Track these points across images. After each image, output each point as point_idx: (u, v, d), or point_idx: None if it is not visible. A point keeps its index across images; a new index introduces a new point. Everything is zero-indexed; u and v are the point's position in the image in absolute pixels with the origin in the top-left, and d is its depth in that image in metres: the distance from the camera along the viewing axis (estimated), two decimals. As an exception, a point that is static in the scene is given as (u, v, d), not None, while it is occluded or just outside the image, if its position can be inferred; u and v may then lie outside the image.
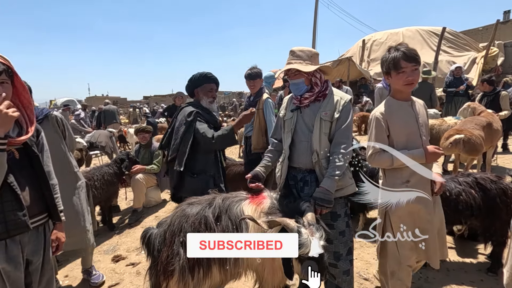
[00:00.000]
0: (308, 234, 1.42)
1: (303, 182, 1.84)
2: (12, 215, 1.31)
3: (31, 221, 1.39)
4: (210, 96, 2.53)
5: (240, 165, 3.75)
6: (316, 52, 1.83)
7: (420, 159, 1.71)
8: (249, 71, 3.26)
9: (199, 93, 2.54)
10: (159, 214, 4.23)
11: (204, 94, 2.52)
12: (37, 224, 1.46)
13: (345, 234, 1.83)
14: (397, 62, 1.66)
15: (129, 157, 4.04)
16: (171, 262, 1.64)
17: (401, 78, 1.69)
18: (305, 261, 1.42)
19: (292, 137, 1.83)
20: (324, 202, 1.63)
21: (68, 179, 2.40)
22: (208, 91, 2.52)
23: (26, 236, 1.41)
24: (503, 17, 18.10)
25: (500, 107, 4.89)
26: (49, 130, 2.25)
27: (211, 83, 2.54)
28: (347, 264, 1.83)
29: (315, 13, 20.20)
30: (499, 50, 10.37)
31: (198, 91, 2.54)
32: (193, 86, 2.56)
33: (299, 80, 1.81)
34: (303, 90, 1.82)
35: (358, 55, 13.00)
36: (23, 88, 1.42)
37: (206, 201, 1.83)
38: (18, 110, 1.35)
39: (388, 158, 1.72)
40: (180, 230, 1.68)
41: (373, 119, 1.80)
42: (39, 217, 1.48)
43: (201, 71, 2.54)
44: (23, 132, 1.40)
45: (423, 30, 12.14)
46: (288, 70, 1.82)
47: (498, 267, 2.41)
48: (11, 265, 1.34)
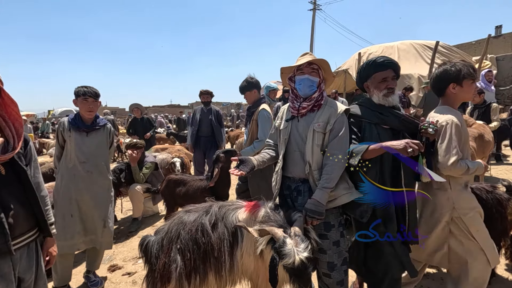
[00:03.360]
0: (293, 245, 1.45)
1: (296, 192, 1.86)
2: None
3: (21, 239, 1.35)
4: (384, 87, 1.87)
5: (200, 180, 3.54)
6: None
7: (480, 170, 1.83)
8: (243, 83, 3.22)
9: (369, 87, 1.96)
10: (156, 225, 4.24)
11: (375, 87, 1.90)
12: (27, 241, 1.40)
13: (340, 244, 1.81)
14: (471, 73, 1.85)
15: (128, 168, 4.07)
16: (168, 269, 1.68)
17: (473, 89, 1.89)
18: (289, 270, 1.45)
19: (286, 146, 1.87)
20: (315, 213, 1.65)
21: (105, 184, 2.72)
22: (379, 81, 1.89)
23: (18, 253, 1.35)
24: (495, 31, 18.58)
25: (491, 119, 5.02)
26: (102, 138, 2.69)
27: (383, 70, 1.89)
28: (341, 275, 1.80)
29: (312, 26, 20.66)
30: (491, 64, 10.63)
31: (368, 85, 1.97)
32: (361, 81, 2.04)
33: (315, 78, 1.85)
34: (313, 90, 1.85)
35: (355, 68, 13.25)
36: (11, 101, 1.35)
37: (203, 208, 1.87)
38: (4, 122, 1.34)
39: (465, 167, 1.77)
40: (177, 237, 1.72)
41: (452, 126, 1.80)
42: (29, 234, 1.42)
43: (369, 60, 1.94)
44: (9, 148, 1.34)
45: (417, 44, 12.45)
46: (305, 65, 1.84)
47: (493, 275, 2.43)
48: (2, 283, 1.29)
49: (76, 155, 2.54)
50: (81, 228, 2.56)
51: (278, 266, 1.47)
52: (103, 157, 2.69)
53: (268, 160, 1.99)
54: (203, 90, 4.89)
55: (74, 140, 2.53)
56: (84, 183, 2.56)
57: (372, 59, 1.91)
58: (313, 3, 21.75)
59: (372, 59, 1.91)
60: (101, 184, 2.66)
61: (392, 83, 1.86)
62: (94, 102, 2.54)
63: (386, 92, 1.85)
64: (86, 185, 2.56)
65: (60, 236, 2.42)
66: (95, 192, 2.60)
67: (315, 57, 1.87)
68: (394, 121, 1.85)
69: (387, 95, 1.85)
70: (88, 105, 2.51)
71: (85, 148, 2.56)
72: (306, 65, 1.84)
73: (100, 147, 2.66)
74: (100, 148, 2.67)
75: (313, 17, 21.32)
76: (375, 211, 1.79)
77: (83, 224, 2.58)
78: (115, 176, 3.89)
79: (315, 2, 21.71)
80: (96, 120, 2.64)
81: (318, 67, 1.87)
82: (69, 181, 2.53)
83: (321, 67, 1.89)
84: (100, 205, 2.64)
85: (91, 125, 2.60)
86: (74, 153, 2.54)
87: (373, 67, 1.89)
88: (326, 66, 1.90)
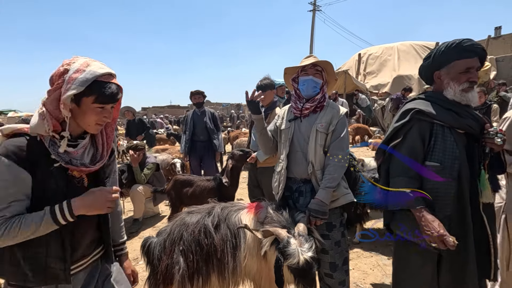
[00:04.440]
0: (297, 245, 1.45)
1: (298, 193, 1.87)
2: (53, 263, 1.09)
3: (81, 262, 1.20)
4: (465, 79, 1.45)
5: (207, 181, 3.56)
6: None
7: None
8: (259, 83, 3.11)
9: (442, 77, 1.52)
10: (157, 226, 4.23)
11: (453, 77, 1.48)
12: (89, 263, 1.24)
13: (341, 244, 1.83)
14: None
15: (129, 169, 4.06)
16: (171, 271, 1.67)
17: None
18: (294, 271, 1.45)
19: (289, 147, 1.87)
20: (319, 213, 1.66)
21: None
22: (461, 71, 1.46)
23: (78, 275, 1.20)
24: (494, 32, 18.61)
25: (491, 119, 5.02)
26: None
27: (470, 57, 1.45)
28: (343, 274, 1.82)
29: (312, 27, 20.69)
30: (491, 65, 10.64)
31: (441, 74, 1.53)
32: (431, 68, 1.58)
33: (319, 80, 1.86)
34: (316, 92, 1.86)
35: (354, 69, 13.28)
36: (116, 111, 1.24)
37: (205, 210, 1.87)
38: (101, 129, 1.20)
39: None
40: (180, 239, 1.72)
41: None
42: (93, 254, 1.26)
43: (451, 42, 1.48)
44: (97, 156, 1.20)
45: (417, 45, 12.49)
46: (310, 67, 1.85)
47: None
48: None
49: None
50: None
51: (283, 267, 1.47)
52: None
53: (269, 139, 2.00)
54: (193, 91, 4.50)
55: None
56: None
57: (456, 41, 1.46)
58: (313, 4, 21.78)
59: (456, 41, 1.46)
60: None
61: (476, 76, 1.45)
62: None
63: (466, 87, 1.44)
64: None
65: None
66: None
67: (319, 59, 1.88)
68: (473, 124, 1.44)
69: (467, 90, 1.44)
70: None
71: None
72: (310, 66, 1.85)
73: None
74: None
75: (313, 18, 21.36)
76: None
77: None
78: (116, 177, 3.88)
79: (315, 3, 21.75)
80: None
81: (322, 69, 1.89)
82: None
83: (325, 69, 1.90)
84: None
85: None
86: None
87: (456, 51, 1.45)
88: (329, 69, 1.91)
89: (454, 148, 1.42)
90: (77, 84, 1.04)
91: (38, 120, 1.06)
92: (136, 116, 7.09)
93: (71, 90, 1.03)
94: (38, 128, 1.06)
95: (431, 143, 1.46)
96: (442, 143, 1.44)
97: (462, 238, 1.36)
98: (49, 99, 1.06)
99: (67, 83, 1.04)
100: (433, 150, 1.46)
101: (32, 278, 1.08)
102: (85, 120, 1.12)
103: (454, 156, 1.41)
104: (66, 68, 1.05)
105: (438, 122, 1.45)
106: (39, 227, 1.01)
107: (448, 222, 1.40)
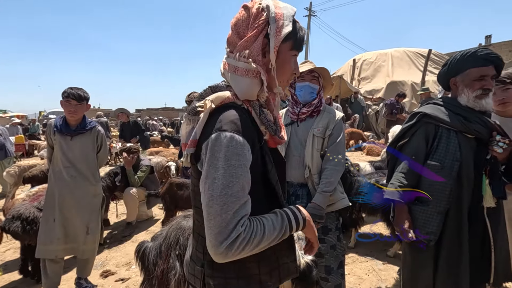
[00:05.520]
0: (297, 249, 1.45)
1: (294, 196, 1.88)
2: (286, 258, 0.95)
3: None
4: (479, 86, 1.49)
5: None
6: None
7: None
8: None
9: (458, 84, 1.57)
10: (151, 229, 4.17)
11: (467, 84, 1.53)
12: None
13: (336, 248, 1.85)
14: None
15: (123, 171, 4.02)
16: (167, 276, 1.64)
17: None
18: None
19: (285, 151, 1.88)
20: (316, 217, 1.67)
21: (90, 190, 2.58)
22: (475, 79, 1.50)
23: None
24: (485, 41, 19.06)
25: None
26: (88, 142, 2.54)
27: (484, 65, 1.49)
28: (338, 278, 1.84)
29: (307, 32, 20.87)
30: (481, 72, 10.89)
31: (456, 81, 1.58)
32: (447, 75, 1.63)
33: (316, 85, 1.88)
34: (313, 97, 1.88)
35: (349, 74, 13.42)
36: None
37: (202, 214, 1.85)
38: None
39: None
40: (177, 243, 1.70)
41: None
42: None
43: (466, 51, 1.55)
44: (277, 126, 0.94)
45: (410, 52, 12.70)
46: (307, 73, 1.86)
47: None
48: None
49: (60, 159, 2.45)
50: (62, 234, 2.45)
51: None
52: (89, 162, 2.56)
53: None
54: (189, 94, 4.33)
55: (59, 144, 2.44)
56: (68, 188, 2.45)
57: (471, 50, 1.51)
58: (308, 9, 22.03)
59: (471, 50, 1.51)
60: (85, 190, 2.53)
61: (490, 83, 1.48)
62: (78, 105, 2.40)
63: (480, 93, 1.48)
64: (69, 190, 2.46)
65: (41, 240, 2.40)
66: (78, 198, 2.49)
67: (315, 65, 1.90)
68: (481, 129, 1.49)
69: (480, 96, 1.48)
70: (70, 107, 2.37)
71: (69, 153, 2.45)
72: (307, 72, 1.87)
73: (85, 152, 2.53)
74: (85, 153, 2.53)
75: (308, 24, 21.60)
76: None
77: (64, 230, 2.47)
78: (109, 179, 3.84)
79: (311, 9, 22.00)
80: (83, 124, 2.51)
81: (319, 74, 1.91)
82: (54, 185, 2.46)
83: (321, 75, 1.92)
84: (83, 212, 2.52)
85: (76, 129, 2.47)
86: (59, 158, 2.46)
87: (471, 60, 1.50)
88: (326, 74, 1.94)
89: (456, 151, 1.48)
90: (288, 20, 0.83)
91: (248, 81, 0.83)
92: (130, 118, 7.02)
93: (286, 27, 0.82)
94: (252, 90, 0.84)
95: (435, 144, 1.54)
96: (445, 145, 1.51)
97: (457, 235, 1.48)
98: (254, 50, 0.82)
99: (276, 20, 0.81)
100: (436, 150, 1.54)
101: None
102: (284, 73, 0.89)
103: (455, 158, 1.48)
104: (259, 6, 0.83)
105: (444, 125, 1.53)
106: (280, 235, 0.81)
107: (440, 217, 1.51)
